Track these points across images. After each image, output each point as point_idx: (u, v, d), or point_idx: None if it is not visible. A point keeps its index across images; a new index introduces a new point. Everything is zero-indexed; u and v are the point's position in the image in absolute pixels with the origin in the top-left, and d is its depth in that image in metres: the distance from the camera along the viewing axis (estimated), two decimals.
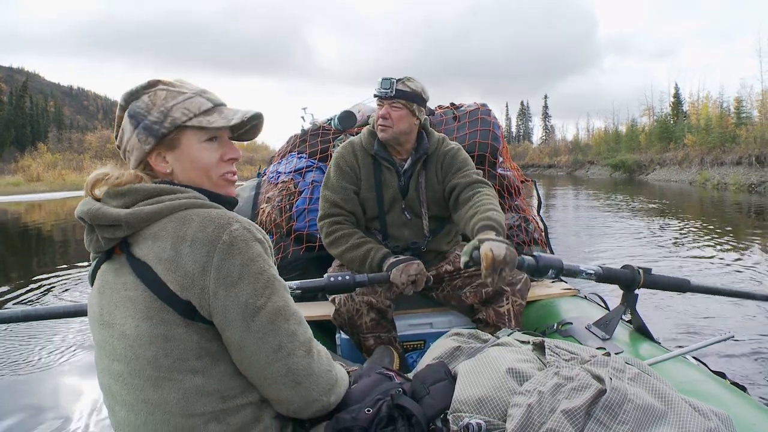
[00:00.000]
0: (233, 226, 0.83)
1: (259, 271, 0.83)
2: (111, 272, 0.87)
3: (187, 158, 0.91)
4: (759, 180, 16.45)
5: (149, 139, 0.88)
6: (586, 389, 0.80)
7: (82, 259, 6.51)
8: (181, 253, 0.81)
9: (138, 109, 0.89)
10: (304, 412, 0.90)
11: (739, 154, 19.71)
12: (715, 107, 29.39)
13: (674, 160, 26.77)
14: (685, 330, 3.05)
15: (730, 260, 5.27)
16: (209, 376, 0.83)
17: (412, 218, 1.83)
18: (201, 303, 0.81)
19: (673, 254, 5.73)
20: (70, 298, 4.57)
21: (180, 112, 0.88)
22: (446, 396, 0.95)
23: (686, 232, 7.34)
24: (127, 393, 0.84)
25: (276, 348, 0.84)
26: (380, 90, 1.75)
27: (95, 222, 0.84)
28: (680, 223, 8.34)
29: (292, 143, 2.55)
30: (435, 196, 1.83)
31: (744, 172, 17.99)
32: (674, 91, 36.84)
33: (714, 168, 21.06)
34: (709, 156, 22.94)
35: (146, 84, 0.91)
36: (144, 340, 0.81)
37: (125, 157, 0.93)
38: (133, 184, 0.87)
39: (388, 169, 1.83)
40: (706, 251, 5.85)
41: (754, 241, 6.49)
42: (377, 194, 1.82)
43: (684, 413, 0.78)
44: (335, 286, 1.60)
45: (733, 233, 7.09)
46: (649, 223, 8.42)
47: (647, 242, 6.56)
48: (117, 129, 0.93)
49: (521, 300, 1.73)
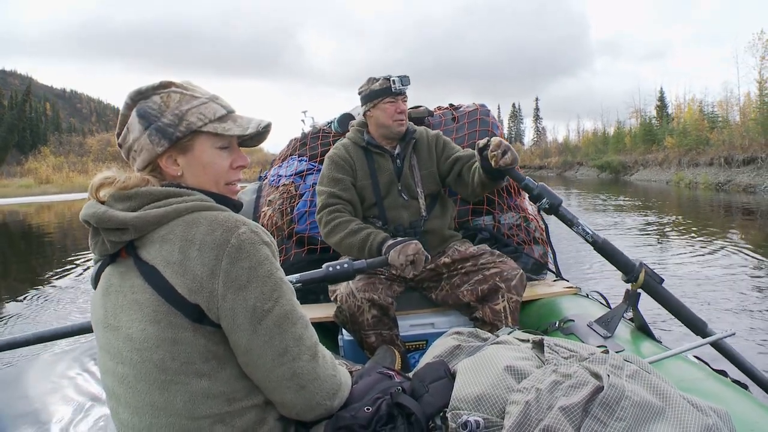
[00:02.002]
0: (241, 230, 0.83)
1: (267, 274, 0.83)
2: (116, 275, 0.87)
3: (199, 163, 0.91)
4: (726, 179, 18.10)
5: (163, 142, 0.87)
6: (584, 386, 0.80)
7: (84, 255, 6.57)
8: (190, 257, 0.81)
9: (149, 110, 0.88)
10: (307, 416, 0.90)
11: (711, 156, 21.57)
12: (694, 111, 30.52)
13: (655, 161, 28.33)
14: (686, 328, 3.03)
15: (695, 249, 6.09)
16: (215, 378, 0.83)
17: (408, 200, 1.91)
18: (209, 306, 0.81)
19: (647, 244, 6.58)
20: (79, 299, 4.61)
21: (195, 117, 0.88)
22: (445, 394, 0.95)
23: (657, 225, 8.53)
24: (131, 396, 0.84)
25: (282, 351, 0.84)
26: (400, 87, 1.85)
27: (101, 225, 0.84)
28: (655, 218, 9.61)
29: (292, 146, 2.56)
30: (429, 173, 1.95)
31: (714, 173, 19.66)
32: (659, 95, 37.97)
33: (690, 168, 22.89)
34: (686, 157, 24.84)
35: (158, 85, 0.90)
36: (151, 343, 0.81)
37: (129, 157, 0.91)
38: (140, 187, 0.87)
39: (380, 155, 1.93)
40: (674, 242, 6.87)
41: (707, 232, 7.50)
42: (373, 181, 1.90)
43: (682, 410, 0.78)
44: (335, 275, 1.59)
45: (699, 226, 8.31)
46: (626, 218, 9.55)
47: (623, 234, 7.44)
48: (120, 127, 0.91)
49: (516, 296, 1.74)
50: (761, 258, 5.48)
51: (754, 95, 23.40)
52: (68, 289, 5.15)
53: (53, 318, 4.07)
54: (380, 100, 1.86)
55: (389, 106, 1.85)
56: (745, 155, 19.10)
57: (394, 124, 1.87)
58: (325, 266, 1.61)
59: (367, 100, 1.89)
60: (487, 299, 1.75)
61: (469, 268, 1.82)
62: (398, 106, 1.85)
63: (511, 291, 1.73)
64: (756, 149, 18.87)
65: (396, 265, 1.64)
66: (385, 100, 1.85)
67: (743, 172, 18.17)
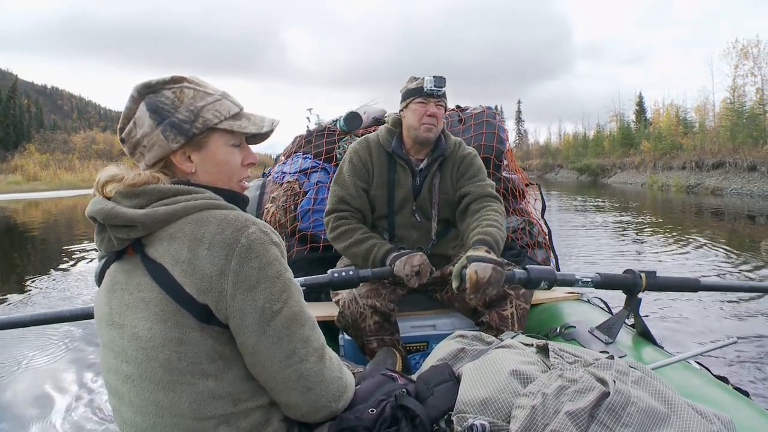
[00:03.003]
0: (251, 229, 0.82)
1: (276, 275, 0.83)
2: (122, 272, 0.86)
3: (213, 160, 0.90)
4: (696, 182, 19.59)
5: (179, 138, 0.86)
6: (590, 392, 0.80)
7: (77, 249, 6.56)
8: (199, 256, 0.80)
9: (161, 104, 0.87)
10: (312, 417, 0.89)
11: (684, 160, 22.79)
12: (671, 116, 31.43)
13: (632, 165, 29.24)
14: (688, 334, 3.05)
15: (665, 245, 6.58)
16: (222, 379, 0.82)
17: (421, 221, 1.83)
18: (218, 306, 0.80)
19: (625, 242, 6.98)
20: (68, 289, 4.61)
21: (211, 114, 0.88)
22: (450, 397, 0.95)
23: (633, 224, 9.03)
24: (135, 395, 0.83)
25: (290, 353, 0.83)
26: (432, 88, 1.72)
27: (108, 222, 0.83)
28: (630, 217, 10.28)
29: (297, 144, 2.56)
30: (447, 198, 1.84)
31: (686, 176, 21.00)
32: (638, 99, 38.49)
33: (664, 172, 23.90)
34: (660, 161, 25.74)
35: (169, 79, 0.89)
36: (157, 342, 0.80)
37: (136, 152, 0.89)
38: (150, 184, 0.85)
39: (402, 168, 1.82)
40: (642, 238, 7.38)
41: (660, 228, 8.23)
42: (389, 193, 1.81)
43: (687, 417, 0.78)
44: (339, 282, 1.59)
45: (667, 224, 9.22)
46: (606, 218, 10.12)
47: (601, 233, 7.76)
48: (125, 121, 0.89)
49: (525, 304, 1.73)
50: (733, 253, 5.87)
51: (728, 102, 24.55)
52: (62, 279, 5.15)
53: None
54: (411, 100, 1.77)
55: (419, 108, 1.74)
56: (714, 160, 20.18)
57: (422, 128, 1.74)
58: (330, 272, 1.61)
59: (403, 99, 1.81)
60: (495, 305, 1.73)
61: None
62: (428, 108, 1.73)
63: (520, 298, 1.72)
64: (724, 154, 19.96)
65: (401, 275, 1.63)
66: (415, 100, 1.75)
67: (712, 175, 19.28)
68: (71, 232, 10.00)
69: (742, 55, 24.21)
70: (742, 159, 18.25)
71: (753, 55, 23.80)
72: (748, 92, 23.63)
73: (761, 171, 16.75)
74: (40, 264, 6.57)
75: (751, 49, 23.99)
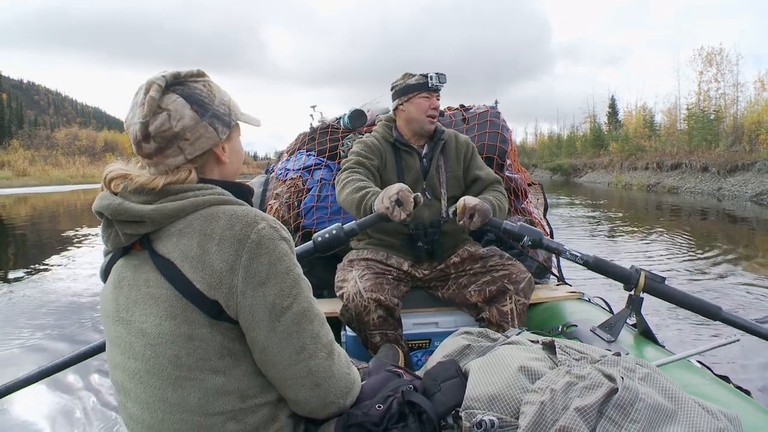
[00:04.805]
0: (260, 225, 0.82)
1: (286, 270, 0.83)
2: (129, 268, 0.85)
3: (235, 152, 0.94)
4: (655, 182, 21.08)
5: (225, 130, 0.89)
6: (598, 388, 0.81)
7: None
8: (209, 251, 0.80)
9: (200, 96, 0.87)
10: (320, 413, 0.89)
11: (647, 161, 24.20)
12: (641, 119, 32.38)
13: (602, 165, 30.57)
14: (689, 333, 3.07)
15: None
16: (230, 375, 0.82)
17: (432, 200, 1.92)
18: (228, 302, 0.80)
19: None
20: None
21: (237, 108, 0.92)
22: (457, 393, 0.95)
23: (598, 219, 10.00)
24: (143, 391, 0.83)
25: (299, 349, 0.83)
26: (436, 83, 1.87)
27: (116, 217, 0.82)
28: (597, 212, 11.30)
29: (300, 141, 2.56)
30: (454, 174, 1.96)
31: (648, 176, 22.42)
32: (610, 101, 39.40)
33: (629, 172, 25.16)
34: (626, 162, 26.85)
35: (196, 72, 0.89)
36: (166, 338, 0.80)
37: (171, 146, 0.84)
38: (183, 182, 0.85)
39: (408, 153, 1.94)
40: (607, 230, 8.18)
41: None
42: (399, 178, 1.91)
43: (694, 413, 0.79)
44: (326, 243, 1.52)
45: (632, 219, 10.08)
46: (578, 211, 11.27)
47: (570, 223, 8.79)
48: (150, 114, 0.83)
49: (524, 299, 1.75)
50: (693, 245, 6.44)
51: (690, 106, 25.95)
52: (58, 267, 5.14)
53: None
54: (415, 95, 1.87)
55: (423, 101, 1.87)
56: (673, 161, 21.74)
57: (426, 120, 1.88)
58: (315, 236, 1.54)
59: (402, 94, 1.90)
60: (495, 300, 1.76)
61: (477, 269, 1.83)
62: (432, 102, 1.87)
63: (519, 294, 1.74)
64: (681, 156, 21.55)
65: (382, 211, 1.53)
66: (420, 94, 1.87)
67: (670, 175, 20.83)
68: (66, 226, 9.96)
69: (707, 61, 25.80)
70: (697, 160, 19.63)
71: (716, 62, 25.42)
72: (713, 97, 25.28)
73: (712, 171, 18.00)
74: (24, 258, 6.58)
75: (715, 56, 25.58)
